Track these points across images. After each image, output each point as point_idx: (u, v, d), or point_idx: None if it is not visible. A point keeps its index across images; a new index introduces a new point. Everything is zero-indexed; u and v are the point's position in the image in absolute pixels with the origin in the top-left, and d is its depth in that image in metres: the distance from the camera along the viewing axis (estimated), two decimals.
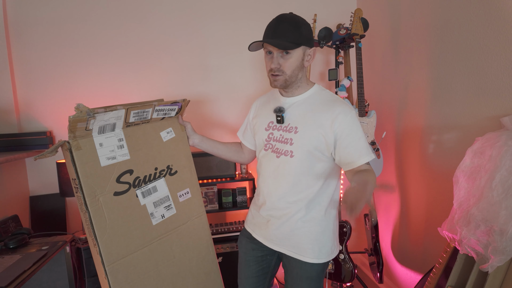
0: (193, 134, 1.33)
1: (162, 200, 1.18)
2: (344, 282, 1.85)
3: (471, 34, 1.41)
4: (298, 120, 1.12)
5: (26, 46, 2.10)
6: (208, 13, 2.27)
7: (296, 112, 1.13)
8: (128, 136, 1.13)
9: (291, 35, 1.04)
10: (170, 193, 1.21)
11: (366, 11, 2.22)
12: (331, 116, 1.06)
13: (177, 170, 1.24)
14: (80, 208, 1.06)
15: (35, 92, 2.13)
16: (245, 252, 1.27)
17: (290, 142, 1.11)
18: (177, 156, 1.26)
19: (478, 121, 1.38)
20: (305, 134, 1.09)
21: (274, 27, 1.07)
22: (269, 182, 1.18)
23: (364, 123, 1.82)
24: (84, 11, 2.15)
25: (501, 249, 0.99)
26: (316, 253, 1.15)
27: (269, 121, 1.19)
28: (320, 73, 2.43)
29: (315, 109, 1.11)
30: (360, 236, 2.57)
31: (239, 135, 1.39)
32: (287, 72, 1.08)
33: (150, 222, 1.14)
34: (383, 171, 2.03)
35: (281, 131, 1.14)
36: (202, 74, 2.30)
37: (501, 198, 1.02)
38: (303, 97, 1.15)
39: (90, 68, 2.18)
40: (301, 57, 1.09)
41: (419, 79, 1.76)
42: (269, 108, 1.21)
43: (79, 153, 1.01)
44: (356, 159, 1.05)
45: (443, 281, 1.31)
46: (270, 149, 1.17)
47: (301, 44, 1.06)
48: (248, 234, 1.27)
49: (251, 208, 1.30)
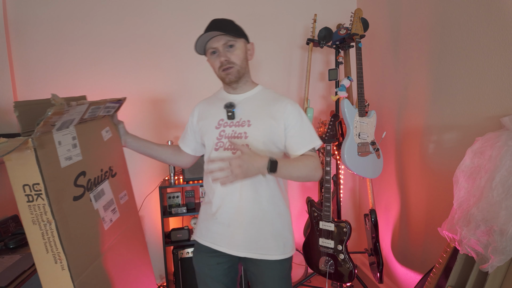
0: (125, 133, 1.29)
1: (109, 204, 1.10)
2: (344, 282, 1.85)
3: (471, 34, 1.41)
4: (250, 114, 1.14)
5: (26, 45, 2.10)
6: (209, 12, 2.27)
7: (246, 107, 1.16)
8: (79, 134, 1.02)
9: (230, 28, 1.11)
10: (114, 195, 1.13)
11: (366, 11, 2.22)
12: (280, 108, 1.13)
13: (116, 172, 1.17)
14: (37, 220, 0.88)
15: (35, 92, 2.13)
16: (210, 269, 1.19)
17: (244, 136, 1.12)
18: (116, 156, 1.19)
19: (478, 121, 1.38)
20: (258, 126, 1.12)
21: (217, 22, 1.12)
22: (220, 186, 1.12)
23: (364, 123, 1.82)
24: (84, 11, 2.15)
25: (501, 249, 0.99)
26: (281, 249, 1.16)
27: (218, 119, 1.17)
28: (320, 73, 2.44)
29: (265, 103, 1.16)
30: (360, 236, 2.57)
31: (179, 141, 1.36)
32: (237, 62, 1.12)
33: (103, 227, 1.05)
34: (383, 171, 2.03)
35: (233, 126, 1.14)
36: (204, 73, 2.30)
37: (501, 198, 1.02)
38: (251, 93, 1.19)
39: (90, 68, 2.18)
40: (244, 49, 1.15)
41: (419, 79, 1.76)
42: (216, 107, 1.20)
43: (42, 152, 0.86)
44: (302, 146, 1.12)
45: (443, 281, 1.31)
46: (221, 147, 1.14)
47: (241, 36, 1.13)
48: (207, 249, 1.19)
49: (203, 219, 1.23)
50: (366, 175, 1.83)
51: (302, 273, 2.43)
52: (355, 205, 2.59)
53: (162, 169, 2.31)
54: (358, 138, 1.80)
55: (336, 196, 2.08)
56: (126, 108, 2.23)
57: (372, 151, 1.85)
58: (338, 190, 2.08)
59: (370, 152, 1.83)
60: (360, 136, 1.81)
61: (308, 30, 2.37)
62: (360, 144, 1.80)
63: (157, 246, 2.35)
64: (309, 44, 2.07)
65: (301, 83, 2.41)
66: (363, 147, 1.81)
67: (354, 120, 1.80)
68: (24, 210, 0.87)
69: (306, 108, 2.01)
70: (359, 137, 1.80)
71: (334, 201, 2.08)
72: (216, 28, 1.08)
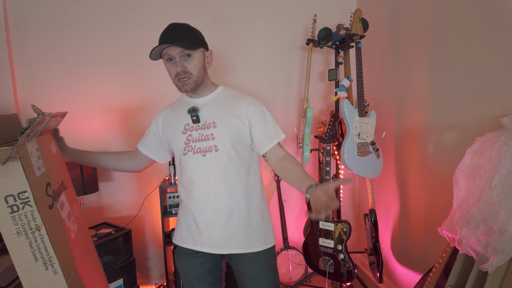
0: (66, 148, 1.27)
1: (69, 215, 1.14)
2: (344, 281, 1.85)
3: (471, 34, 1.41)
4: (214, 116, 1.15)
5: (27, 46, 2.10)
6: (209, 13, 2.27)
7: (210, 109, 1.16)
8: (40, 147, 1.04)
9: (188, 38, 1.09)
10: (70, 207, 1.17)
11: (366, 11, 2.22)
12: (243, 107, 1.15)
13: (67, 186, 1.21)
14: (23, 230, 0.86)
15: (35, 92, 2.13)
16: (194, 270, 1.20)
17: (211, 137, 1.13)
18: (63, 171, 1.22)
19: (478, 121, 1.39)
20: (224, 126, 1.13)
21: (170, 32, 1.09)
22: (201, 183, 1.15)
23: (364, 123, 1.83)
24: (85, 12, 2.15)
25: (500, 249, 0.99)
26: (263, 240, 1.19)
27: (184, 124, 1.17)
28: (320, 73, 2.44)
29: (228, 104, 1.17)
30: (360, 236, 2.57)
31: (138, 144, 1.32)
32: (194, 73, 1.11)
33: (71, 236, 1.09)
34: (383, 171, 2.03)
35: (199, 130, 1.15)
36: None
37: (500, 198, 1.02)
38: (213, 95, 1.19)
39: (90, 68, 2.18)
40: (202, 58, 1.13)
41: (419, 79, 1.76)
42: (181, 112, 1.19)
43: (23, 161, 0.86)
44: (269, 142, 1.16)
45: (442, 281, 1.31)
46: (190, 151, 1.15)
47: (199, 46, 1.12)
48: (189, 251, 1.20)
49: (182, 222, 1.23)
50: (365, 175, 1.83)
51: (302, 273, 2.43)
52: (355, 205, 2.59)
53: (162, 169, 2.31)
54: (358, 138, 1.80)
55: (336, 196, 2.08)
56: (127, 109, 2.23)
57: (372, 151, 1.85)
58: (338, 190, 2.08)
59: (369, 152, 1.84)
60: (360, 136, 1.81)
61: (308, 30, 2.37)
62: (360, 144, 1.81)
63: (157, 246, 2.35)
64: (309, 44, 2.07)
65: (301, 83, 2.42)
66: (363, 147, 1.81)
67: (354, 120, 1.80)
68: (5, 223, 0.85)
69: (306, 108, 2.01)
70: (359, 137, 1.81)
71: None
72: (172, 40, 1.06)
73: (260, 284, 1.18)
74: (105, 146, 2.23)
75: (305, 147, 2.00)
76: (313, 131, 2.33)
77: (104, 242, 1.88)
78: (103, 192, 2.27)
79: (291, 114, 2.43)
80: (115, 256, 1.94)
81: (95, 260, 1.28)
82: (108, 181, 2.27)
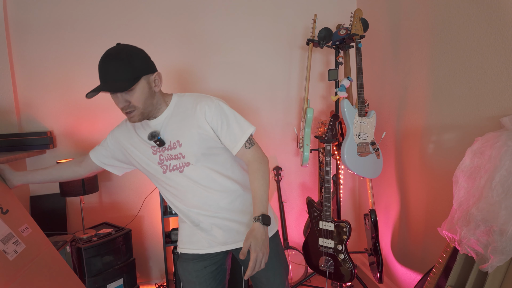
0: (13, 173, 1.25)
1: (7, 237, 1.18)
2: (344, 282, 1.85)
3: (471, 34, 1.41)
4: (177, 134, 1.10)
5: (27, 46, 2.11)
6: (209, 13, 2.27)
7: (170, 127, 1.11)
8: None
9: (122, 74, 0.98)
10: (12, 230, 1.22)
11: (366, 11, 2.23)
12: (200, 114, 1.09)
13: (8, 209, 1.25)
14: None
15: (36, 92, 2.13)
16: (197, 275, 1.18)
17: (181, 155, 1.10)
18: (2, 196, 1.26)
19: (478, 121, 1.39)
20: (189, 142, 1.09)
21: (103, 69, 0.99)
22: (190, 196, 1.13)
23: (364, 123, 1.83)
24: (85, 11, 2.15)
25: (501, 249, 0.99)
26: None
27: (151, 145, 1.13)
28: (320, 73, 2.44)
29: (185, 116, 1.11)
30: (360, 236, 2.57)
31: (91, 151, 1.27)
32: (139, 106, 1.03)
33: (7, 258, 1.14)
34: (383, 171, 2.04)
35: (167, 151, 1.11)
36: (202, 76, 2.30)
37: (500, 198, 1.02)
38: (168, 111, 1.13)
39: (90, 68, 2.18)
40: (147, 87, 1.04)
41: (419, 79, 1.76)
42: (142, 133, 1.14)
43: None
44: (237, 142, 1.11)
45: (443, 281, 1.31)
46: (167, 169, 1.12)
47: (138, 78, 1.01)
48: (193, 256, 1.19)
49: (183, 228, 1.23)
50: (366, 175, 1.83)
51: (302, 273, 2.44)
52: (355, 205, 2.59)
53: None
54: (358, 138, 1.80)
55: (336, 196, 2.08)
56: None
57: (372, 151, 1.85)
58: (338, 190, 2.08)
59: (370, 152, 1.84)
60: (360, 136, 1.81)
61: (308, 30, 2.37)
62: (360, 144, 1.81)
63: (158, 246, 2.35)
64: (309, 44, 2.07)
65: (301, 83, 2.42)
66: (363, 147, 1.82)
67: (354, 120, 1.80)
68: None
69: (306, 108, 2.01)
70: (359, 137, 1.81)
71: (334, 201, 2.08)
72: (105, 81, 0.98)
73: (273, 270, 1.20)
74: None
75: (305, 147, 2.00)
76: (313, 131, 2.33)
77: (104, 242, 1.88)
78: (103, 192, 2.27)
79: (291, 114, 2.43)
80: (115, 256, 1.94)
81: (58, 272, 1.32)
82: (108, 181, 2.27)
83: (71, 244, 1.87)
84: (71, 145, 2.19)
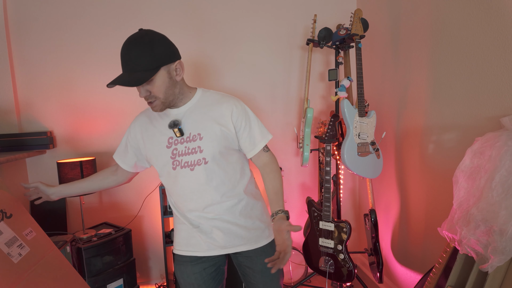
0: (49, 189, 1.24)
1: (12, 241, 1.22)
2: (344, 282, 1.85)
3: (471, 34, 1.41)
4: (198, 126, 1.09)
5: (27, 45, 2.11)
6: (208, 13, 2.27)
7: (192, 119, 1.10)
8: None
9: (143, 63, 0.97)
10: (16, 233, 1.25)
11: (366, 11, 2.23)
12: (226, 112, 1.10)
13: (12, 214, 1.28)
14: None
15: (36, 92, 2.13)
16: (196, 278, 1.17)
17: (199, 150, 1.08)
18: (5, 201, 1.29)
19: (478, 121, 1.39)
20: (211, 136, 1.08)
21: (125, 57, 0.98)
22: (195, 198, 1.12)
23: (364, 123, 1.83)
24: (85, 11, 2.15)
25: (501, 249, 0.99)
26: (267, 233, 1.21)
27: (168, 138, 1.11)
28: (320, 73, 2.44)
29: (209, 110, 1.11)
30: (360, 236, 2.57)
31: (116, 158, 1.26)
32: (160, 96, 1.03)
33: (11, 261, 1.18)
34: (383, 171, 2.04)
35: (185, 143, 1.09)
36: (202, 76, 2.30)
37: (500, 198, 1.02)
38: (192, 103, 1.12)
39: (90, 68, 2.18)
40: (167, 77, 1.03)
41: (419, 79, 1.77)
42: (160, 125, 1.13)
43: None
44: (255, 146, 1.14)
45: (443, 281, 1.31)
46: (178, 166, 1.11)
47: (159, 67, 1.00)
48: (191, 258, 1.18)
49: (181, 229, 1.21)
50: (366, 175, 1.83)
51: (302, 273, 2.44)
52: (355, 205, 2.59)
53: None
54: (358, 138, 1.80)
55: (336, 196, 2.08)
56: (128, 109, 2.23)
57: (372, 151, 1.85)
58: (338, 190, 2.08)
59: (370, 152, 1.84)
60: (360, 136, 1.81)
61: (308, 30, 2.37)
62: (360, 144, 1.81)
63: (158, 245, 2.35)
64: (309, 44, 2.07)
65: (301, 83, 2.42)
66: (363, 147, 1.82)
67: (354, 120, 1.80)
68: None
69: (306, 108, 2.01)
70: (359, 137, 1.81)
71: (334, 201, 2.08)
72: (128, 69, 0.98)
73: (271, 276, 1.20)
74: (106, 146, 2.23)
75: (305, 147, 2.00)
76: (313, 131, 2.33)
77: (104, 242, 1.88)
78: (103, 192, 2.27)
79: (291, 114, 2.43)
80: (115, 256, 1.94)
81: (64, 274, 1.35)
82: None
83: (71, 244, 1.87)
84: (71, 145, 2.19)
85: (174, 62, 1.04)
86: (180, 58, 1.07)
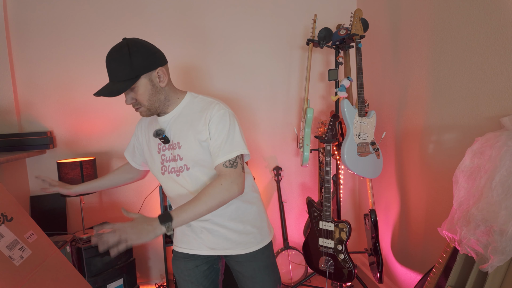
0: (71, 188, 1.29)
1: (13, 244, 1.23)
2: (344, 282, 1.85)
3: (471, 34, 1.41)
4: (179, 135, 1.11)
5: (27, 46, 2.11)
6: (208, 13, 2.27)
7: (175, 127, 1.12)
8: None
9: (122, 73, 0.99)
10: (17, 236, 1.27)
11: (366, 11, 2.23)
12: (206, 119, 1.07)
13: (12, 217, 1.30)
14: None
15: (36, 92, 2.13)
16: (189, 274, 1.19)
17: (179, 157, 1.11)
18: (6, 204, 1.31)
19: (478, 121, 1.39)
20: (188, 146, 1.09)
21: (108, 69, 1.02)
22: (183, 201, 1.09)
23: (364, 123, 1.83)
24: (85, 12, 2.15)
25: (501, 249, 0.99)
26: (259, 238, 1.19)
27: (157, 143, 1.15)
28: (320, 73, 2.44)
29: (191, 119, 1.09)
30: (360, 236, 2.57)
31: (127, 155, 1.33)
32: (144, 103, 1.05)
33: (13, 264, 1.19)
34: (383, 171, 2.04)
35: (171, 149, 1.12)
36: (202, 76, 2.30)
37: (500, 198, 1.02)
38: (177, 110, 1.12)
39: (91, 68, 2.18)
40: (149, 84, 1.04)
41: (419, 79, 1.76)
42: (151, 130, 1.18)
43: None
44: (218, 157, 1.05)
45: (443, 281, 1.31)
46: (166, 171, 1.14)
47: (138, 76, 1.01)
48: (184, 255, 1.21)
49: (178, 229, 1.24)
50: (366, 175, 1.83)
51: (302, 273, 2.43)
52: (355, 205, 2.59)
53: None
54: (358, 138, 1.80)
55: (336, 196, 2.08)
56: (128, 109, 2.23)
57: (372, 151, 1.85)
58: (338, 190, 2.08)
59: (370, 152, 1.84)
60: (360, 136, 1.81)
61: (308, 30, 2.37)
62: (360, 144, 1.81)
63: (158, 246, 2.35)
64: (309, 44, 2.07)
65: (301, 83, 2.42)
66: (363, 147, 1.82)
67: (354, 120, 1.80)
68: None
69: (306, 108, 2.01)
70: (359, 137, 1.81)
71: (334, 201, 2.08)
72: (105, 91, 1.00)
73: (261, 282, 1.20)
74: (107, 146, 2.23)
75: (305, 147, 2.00)
76: (313, 131, 2.33)
77: None
78: (103, 192, 2.27)
79: (291, 114, 2.43)
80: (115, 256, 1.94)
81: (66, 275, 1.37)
82: None
83: (71, 244, 1.87)
84: (71, 145, 2.19)
85: (155, 69, 1.04)
86: (163, 65, 1.06)
